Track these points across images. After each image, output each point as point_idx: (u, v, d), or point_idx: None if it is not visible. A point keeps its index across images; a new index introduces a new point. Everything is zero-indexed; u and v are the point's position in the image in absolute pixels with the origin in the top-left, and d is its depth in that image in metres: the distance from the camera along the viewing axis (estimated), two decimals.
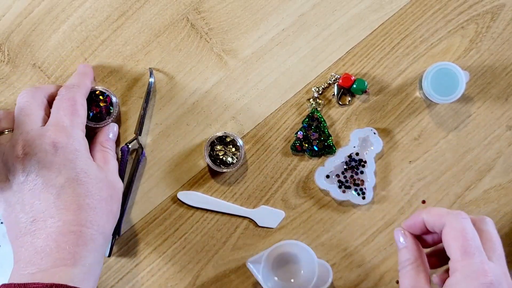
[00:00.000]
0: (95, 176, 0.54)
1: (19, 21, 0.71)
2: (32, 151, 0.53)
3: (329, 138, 0.71)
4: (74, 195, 0.52)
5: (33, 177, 0.52)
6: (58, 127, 0.54)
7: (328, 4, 0.72)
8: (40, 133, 0.54)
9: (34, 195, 0.52)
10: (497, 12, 0.72)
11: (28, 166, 0.53)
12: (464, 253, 0.49)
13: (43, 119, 0.58)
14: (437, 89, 0.68)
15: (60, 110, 0.57)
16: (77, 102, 0.58)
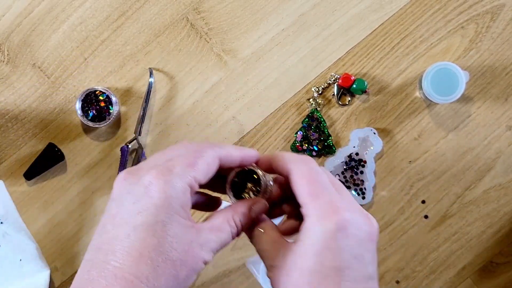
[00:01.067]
0: (175, 234, 0.50)
1: (19, 21, 0.71)
2: (129, 179, 0.50)
3: (329, 138, 0.71)
4: (142, 243, 0.49)
5: (118, 204, 0.50)
6: (163, 170, 0.50)
7: (328, 4, 0.72)
8: (149, 168, 0.50)
9: (113, 222, 0.50)
10: (497, 12, 0.72)
11: (120, 191, 0.51)
12: (312, 195, 0.48)
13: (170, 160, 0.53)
14: (437, 89, 0.68)
15: (182, 156, 0.52)
16: (202, 157, 0.51)
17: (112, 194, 0.51)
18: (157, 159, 0.53)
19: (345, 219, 0.47)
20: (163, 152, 0.54)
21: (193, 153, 0.52)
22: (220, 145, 0.54)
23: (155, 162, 0.52)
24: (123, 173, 0.51)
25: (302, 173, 0.50)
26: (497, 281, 0.73)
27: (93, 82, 0.72)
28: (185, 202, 0.50)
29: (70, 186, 0.72)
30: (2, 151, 0.72)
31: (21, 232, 0.71)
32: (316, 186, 0.49)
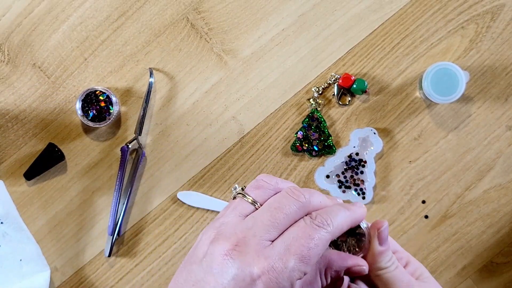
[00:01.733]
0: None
1: (19, 21, 0.71)
2: (236, 259, 0.45)
3: (329, 138, 0.71)
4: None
5: (217, 280, 0.45)
6: (275, 265, 0.45)
7: (328, 4, 0.72)
8: (258, 251, 0.45)
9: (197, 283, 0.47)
10: (497, 12, 0.72)
11: (223, 268, 0.45)
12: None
13: (278, 232, 0.48)
14: (437, 89, 0.68)
15: (295, 242, 0.46)
16: (316, 247, 0.46)
17: (213, 263, 0.46)
18: (266, 229, 0.46)
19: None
20: (273, 216, 0.47)
21: (307, 241, 0.46)
22: (333, 217, 0.48)
23: (264, 235, 0.46)
24: (229, 245, 0.46)
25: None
26: (497, 281, 0.73)
27: (93, 82, 0.72)
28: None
29: (70, 186, 0.72)
30: (2, 151, 0.72)
31: (21, 232, 0.71)
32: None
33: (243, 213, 0.48)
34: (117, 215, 0.70)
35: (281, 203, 0.48)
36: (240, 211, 0.49)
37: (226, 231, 0.47)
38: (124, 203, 0.71)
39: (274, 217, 0.47)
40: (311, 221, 0.47)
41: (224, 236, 0.46)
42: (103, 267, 0.72)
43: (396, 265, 0.49)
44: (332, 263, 0.49)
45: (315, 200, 0.49)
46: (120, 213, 0.71)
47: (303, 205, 0.48)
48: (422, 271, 0.51)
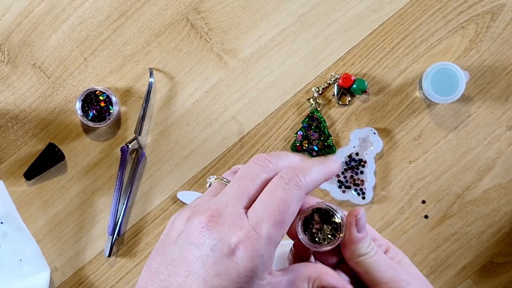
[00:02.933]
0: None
1: (19, 21, 0.71)
2: (213, 230, 0.46)
3: (329, 138, 0.71)
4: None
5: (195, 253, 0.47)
6: (251, 233, 0.46)
7: (328, 4, 0.72)
8: (233, 221, 0.46)
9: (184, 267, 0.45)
10: (497, 12, 0.72)
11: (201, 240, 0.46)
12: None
13: (250, 200, 0.49)
14: (437, 89, 0.68)
15: (266, 210, 0.47)
16: (289, 209, 0.47)
17: (187, 236, 0.47)
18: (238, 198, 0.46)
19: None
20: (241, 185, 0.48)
21: (280, 204, 0.47)
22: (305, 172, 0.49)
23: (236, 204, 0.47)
24: (204, 218, 0.46)
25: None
26: (497, 281, 0.73)
27: (93, 82, 0.72)
28: (269, 265, 0.47)
29: (70, 186, 0.72)
30: (2, 151, 0.72)
31: (21, 232, 0.71)
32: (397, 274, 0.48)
33: (217, 192, 0.49)
34: (117, 215, 0.70)
35: (247, 172, 0.48)
36: (214, 192, 0.49)
37: (200, 208, 0.47)
38: (124, 203, 0.71)
39: (243, 186, 0.47)
40: (281, 181, 0.47)
41: (199, 212, 0.47)
42: (103, 267, 0.72)
43: (375, 250, 0.49)
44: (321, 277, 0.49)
45: (284, 162, 0.49)
46: (120, 213, 0.71)
47: (270, 169, 0.48)
48: (402, 257, 0.52)
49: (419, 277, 0.51)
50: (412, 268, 0.51)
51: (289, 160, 0.50)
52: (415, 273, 0.51)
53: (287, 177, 0.48)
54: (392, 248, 0.52)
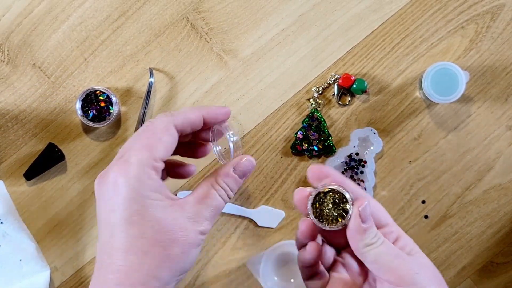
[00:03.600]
0: (153, 218, 0.49)
1: (19, 21, 0.71)
2: (98, 180, 0.51)
3: (329, 138, 0.71)
4: (125, 235, 0.50)
5: (97, 207, 0.51)
6: (122, 163, 0.50)
7: (328, 4, 0.72)
8: (111, 166, 0.51)
9: (99, 224, 0.51)
10: (497, 12, 0.72)
11: (96, 194, 0.51)
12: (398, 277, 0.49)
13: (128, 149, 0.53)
14: (437, 89, 0.68)
15: (134, 139, 0.51)
16: (155, 134, 0.51)
17: (97, 200, 0.51)
18: (120, 152, 0.53)
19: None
20: (126, 142, 0.53)
21: (145, 133, 0.51)
22: (175, 112, 0.53)
23: (117, 156, 0.52)
24: (97, 178, 0.51)
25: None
26: (497, 281, 0.73)
27: (93, 82, 0.72)
28: (154, 185, 0.50)
29: (70, 186, 0.72)
30: (2, 151, 0.72)
31: (21, 232, 0.71)
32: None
33: None
34: None
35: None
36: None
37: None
38: None
39: (129, 141, 0.52)
40: (150, 122, 0.52)
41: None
42: None
43: (382, 240, 0.49)
44: (219, 172, 0.53)
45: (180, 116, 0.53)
46: None
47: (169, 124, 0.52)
48: (412, 246, 0.51)
49: (428, 266, 0.50)
50: (422, 258, 0.50)
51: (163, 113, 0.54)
52: (424, 262, 0.50)
53: (155, 118, 0.52)
54: (402, 237, 0.52)
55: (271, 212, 0.71)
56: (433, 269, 0.51)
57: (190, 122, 0.53)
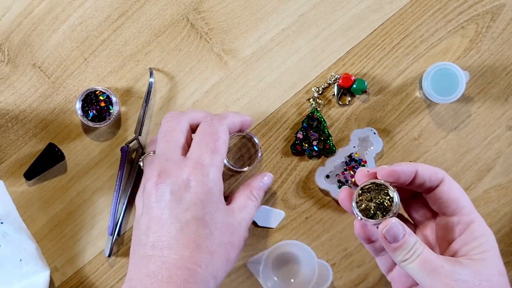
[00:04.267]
0: (221, 220, 0.53)
1: (19, 21, 0.71)
2: (166, 181, 0.53)
3: (329, 138, 0.71)
4: (196, 234, 0.51)
5: (161, 206, 0.52)
6: (196, 164, 0.53)
7: (328, 4, 0.72)
8: (178, 165, 0.53)
9: (159, 222, 0.52)
10: (497, 12, 0.72)
11: (160, 194, 0.53)
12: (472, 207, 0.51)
13: (183, 148, 0.56)
14: (437, 89, 0.68)
15: (201, 145, 0.55)
16: (219, 138, 0.55)
17: (149, 201, 0.53)
18: (171, 151, 0.55)
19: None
20: (167, 141, 0.56)
21: (210, 136, 0.55)
22: (222, 115, 0.58)
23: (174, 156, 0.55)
24: (155, 178, 0.53)
25: (457, 185, 0.52)
26: None
27: (93, 82, 0.72)
28: (221, 188, 0.54)
29: (70, 186, 0.72)
30: (2, 151, 0.72)
31: (21, 232, 0.71)
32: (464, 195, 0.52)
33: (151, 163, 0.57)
34: (117, 215, 0.70)
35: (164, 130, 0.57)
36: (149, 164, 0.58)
37: (146, 177, 0.55)
38: (124, 203, 0.71)
39: (168, 140, 0.55)
40: (204, 124, 0.56)
41: (147, 180, 0.54)
42: (103, 267, 0.72)
43: (417, 254, 0.48)
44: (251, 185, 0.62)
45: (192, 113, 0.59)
46: (120, 213, 0.71)
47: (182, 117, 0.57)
48: (475, 245, 0.50)
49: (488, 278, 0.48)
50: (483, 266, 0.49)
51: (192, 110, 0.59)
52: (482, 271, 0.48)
53: (209, 120, 0.56)
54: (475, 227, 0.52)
55: (271, 212, 0.71)
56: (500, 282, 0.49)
57: (235, 128, 0.59)
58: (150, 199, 0.54)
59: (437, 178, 0.51)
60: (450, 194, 0.51)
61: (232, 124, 0.59)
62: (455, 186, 0.51)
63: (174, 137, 0.57)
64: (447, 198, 0.51)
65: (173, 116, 0.59)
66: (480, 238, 0.50)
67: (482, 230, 0.51)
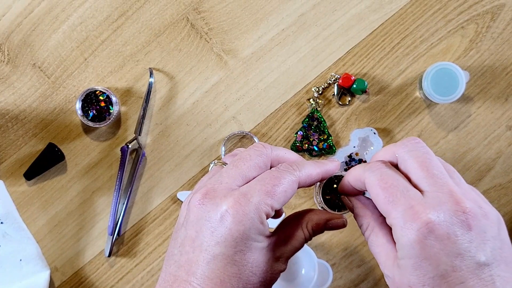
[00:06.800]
0: (253, 260, 0.49)
1: (19, 21, 0.71)
2: (207, 204, 0.49)
3: (329, 138, 0.71)
4: (222, 271, 0.49)
5: (197, 228, 0.49)
6: (241, 198, 0.49)
7: (328, 4, 0.72)
8: (226, 193, 0.49)
9: (192, 245, 0.50)
10: (497, 12, 0.72)
11: (199, 215, 0.49)
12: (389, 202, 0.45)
13: (245, 179, 0.52)
14: (437, 89, 0.68)
15: (259, 183, 0.51)
16: (281, 185, 0.50)
17: (189, 216, 0.50)
18: (233, 177, 0.51)
19: (429, 221, 0.42)
20: (236, 166, 0.51)
21: (272, 180, 0.50)
22: (300, 165, 0.52)
23: (230, 182, 0.51)
24: (200, 195, 0.50)
25: (371, 186, 0.47)
26: None
27: (93, 82, 0.72)
28: (262, 229, 0.50)
29: (70, 186, 0.72)
30: (2, 151, 0.72)
31: (21, 232, 0.71)
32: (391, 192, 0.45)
33: (215, 174, 0.52)
34: (117, 215, 0.70)
35: (243, 155, 0.52)
36: (212, 174, 0.53)
37: (198, 188, 0.51)
38: (124, 203, 0.71)
39: (238, 166, 0.51)
40: (277, 168, 0.51)
41: (197, 191, 0.50)
42: (103, 267, 0.72)
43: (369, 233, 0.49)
44: (312, 217, 0.53)
45: (280, 152, 0.53)
46: (120, 213, 0.71)
47: (266, 155, 0.52)
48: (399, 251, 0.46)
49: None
50: (398, 275, 0.45)
51: (285, 152, 0.54)
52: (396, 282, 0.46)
53: (283, 166, 0.51)
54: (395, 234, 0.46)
55: None
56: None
57: (311, 181, 0.53)
58: (189, 214, 0.52)
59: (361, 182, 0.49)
60: (373, 199, 0.48)
61: (308, 176, 0.52)
62: (370, 190, 0.48)
63: (245, 167, 0.52)
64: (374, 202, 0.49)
65: (260, 147, 0.53)
66: (397, 244, 0.46)
67: (397, 237, 0.46)
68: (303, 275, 0.70)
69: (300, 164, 0.52)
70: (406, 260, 0.44)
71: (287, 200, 0.50)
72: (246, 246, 0.49)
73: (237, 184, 0.50)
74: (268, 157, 0.52)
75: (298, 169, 0.51)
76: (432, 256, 0.42)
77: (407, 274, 0.44)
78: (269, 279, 0.52)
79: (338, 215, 0.53)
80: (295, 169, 0.51)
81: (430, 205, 0.42)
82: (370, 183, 0.47)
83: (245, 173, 0.51)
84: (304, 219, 0.53)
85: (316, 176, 0.53)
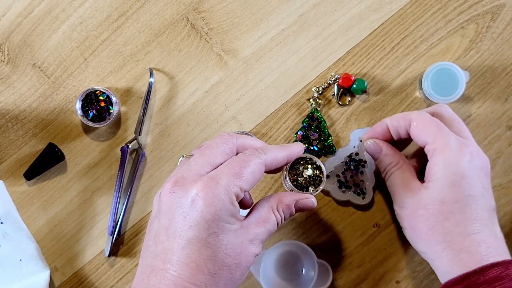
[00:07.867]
0: (227, 242, 0.50)
1: (19, 21, 0.71)
2: (177, 191, 0.51)
3: (329, 138, 0.71)
4: (197, 254, 0.50)
5: (169, 216, 0.51)
6: (210, 182, 0.50)
7: (328, 4, 0.72)
8: (195, 179, 0.51)
9: (166, 233, 0.51)
10: (497, 12, 0.72)
11: (170, 203, 0.51)
12: (438, 134, 0.58)
13: (213, 166, 0.53)
14: (437, 89, 0.68)
15: (226, 166, 0.52)
16: (248, 167, 0.52)
17: (161, 206, 0.52)
18: (201, 165, 0.53)
19: (473, 150, 0.58)
20: (203, 154, 0.54)
21: (239, 162, 0.52)
22: (265, 149, 0.55)
23: (199, 169, 0.52)
24: (170, 184, 0.51)
25: (424, 118, 0.60)
26: None
27: (93, 82, 0.72)
28: (233, 210, 0.51)
29: (70, 186, 0.72)
30: (2, 151, 0.72)
31: (21, 232, 0.71)
32: (441, 127, 0.59)
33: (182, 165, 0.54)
34: (117, 215, 0.70)
35: (209, 144, 0.54)
36: (181, 166, 0.55)
37: (168, 179, 0.52)
38: (124, 203, 0.71)
39: (204, 154, 0.53)
40: (243, 153, 0.54)
41: (166, 182, 0.52)
42: (103, 267, 0.72)
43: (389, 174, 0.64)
44: (282, 199, 0.55)
45: (245, 140, 0.56)
46: (120, 213, 0.71)
47: (232, 143, 0.54)
48: (429, 173, 0.60)
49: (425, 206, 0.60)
50: (425, 193, 0.60)
51: (250, 139, 0.56)
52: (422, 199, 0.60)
53: (249, 150, 0.54)
54: (433, 157, 0.60)
55: None
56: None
57: (277, 163, 0.56)
58: (161, 205, 0.53)
59: (406, 121, 0.61)
60: (414, 132, 0.60)
61: (274, 159, 0.55)
62: (420, 122, 0.60)
63: (212, 154, 0.54)
64: (415, 134, 0.60)
65: (225, 135, 0.55)
66: (434, 167, 0.58)
67: (438, 160, 0.58)
68: (303, 275, 0.70)
69: (265, 148, 0.55)
70: (444, 179, 0.56)
71: (255, 181, 0.53)
72: (219, 227, 0.50)
73: (205, 170, 0.52)
74: (234, 144, 0.55)
75: (264, 152, 0.54)
76: (472, 176, 0.56)
77: (442, 191, 0.56)
78: (244, 262, 0.52)
79: (306, 195, 0.57)
80: (260, 152, 0.54)
81: (472, 141, 0.59)
82: (420, 117, 0.60)
83: (212, 160, 0.53)
84: (275, 201, 0.55)
85: (282, 158, 0.56)
